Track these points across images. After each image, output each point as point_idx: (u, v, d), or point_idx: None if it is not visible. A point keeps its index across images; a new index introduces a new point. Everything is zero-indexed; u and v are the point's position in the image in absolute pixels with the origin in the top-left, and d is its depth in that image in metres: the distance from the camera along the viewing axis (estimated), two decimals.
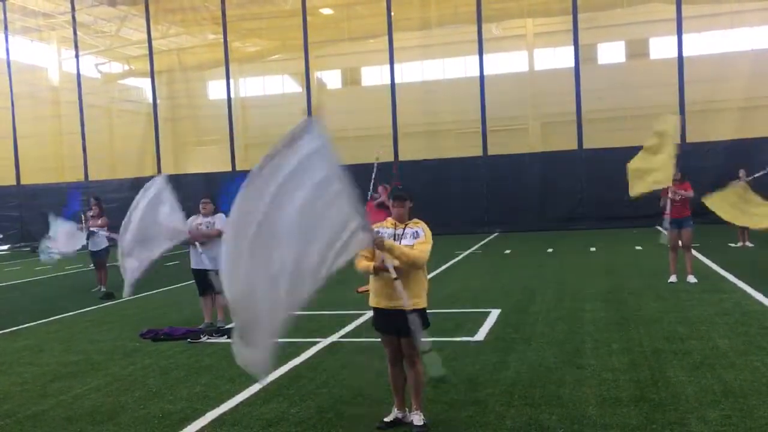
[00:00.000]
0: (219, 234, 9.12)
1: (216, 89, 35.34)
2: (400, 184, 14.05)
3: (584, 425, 5.05)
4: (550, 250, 17.92)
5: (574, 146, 24.76)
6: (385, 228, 5.24)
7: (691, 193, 11.35)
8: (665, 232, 11.70)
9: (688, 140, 23.43)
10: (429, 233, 5.23)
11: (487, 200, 24.88)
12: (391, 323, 5.15)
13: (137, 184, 29.00)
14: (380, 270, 5.04)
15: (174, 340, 8.77)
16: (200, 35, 32.79)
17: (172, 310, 11.27)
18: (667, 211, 11.27)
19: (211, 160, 31.44)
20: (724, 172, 16.19)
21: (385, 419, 5.27)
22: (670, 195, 11.26)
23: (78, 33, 30.48)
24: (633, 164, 11.80)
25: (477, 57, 25.76)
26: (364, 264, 5.11)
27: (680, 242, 11.49)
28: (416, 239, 5.16)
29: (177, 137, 34.26)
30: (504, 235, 23.09)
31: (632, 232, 12.78)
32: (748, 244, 16.29)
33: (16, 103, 30.68)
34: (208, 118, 32.55)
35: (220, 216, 9.30)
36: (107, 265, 13.98)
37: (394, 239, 5.15)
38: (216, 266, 9.13)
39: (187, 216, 9.40)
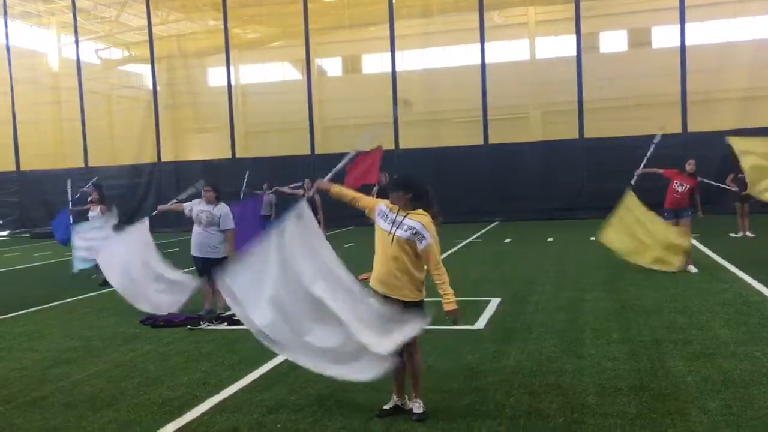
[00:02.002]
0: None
1: (216, 76, 35.16)
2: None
3: (584, 414, 5.05)
4: (550, 239, 17.91)
5: (575, 135, 24.70)
6: (390, 212, 5.17)
7: (696, 197, 11.39)
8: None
9: (689, 130, 23.40)
10: (433, 229, 5.09)
11: (487, 189, 24.84)
12: None
13: (137, 171, 29.07)
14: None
15: (174, 326, 8.77)
16: (200, 21, 32.62)
17: None
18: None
19: (211, 147, 31.37)
20: (726, 162, 16.14)
21: (385, 407, 5.27)
22: (675, 186, 11.29)
23: (78, 18, 30.30)
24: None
25: (478, 45, 25.61)
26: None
27: None
28: (420, 242, 5.02)
29: (177, 124, 34.12)
30: (504, 224, 23.08)
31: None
32: (748, 233, 16.28)
33: (15, 88, 30.54)
34: (208, 105, 32.43)
35: (223, 206, 9.24)
36: None
37: (392, 224, 5.10)
38: (218, 254, 9.16)
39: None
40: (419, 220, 5.08)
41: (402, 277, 5.06)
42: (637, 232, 11.44)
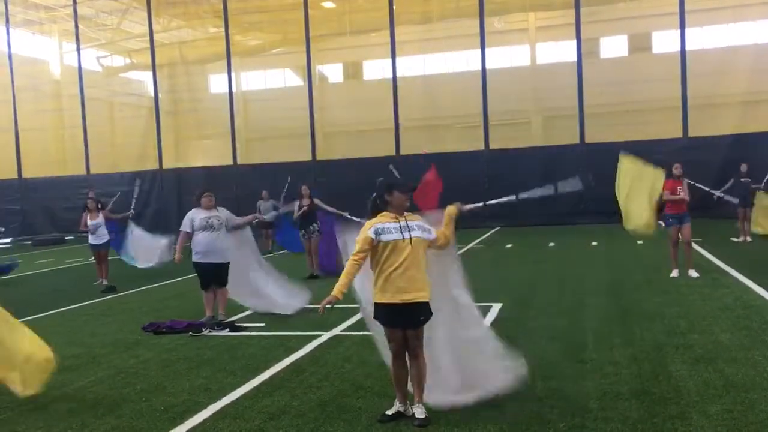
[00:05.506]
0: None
1: (217, 83, 35.30)
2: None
3: (586, 419, 5.06)
4: (551, 244, 17.92)
5: (576, 140, 24.70)
6: (390, 223, 5.23)
7: (683, 197, 11.33)
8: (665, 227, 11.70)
9: (690, 134, 23.41)
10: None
11: (488, 194, 24.74)
12: (398, 317, 5.17)
13: (139, 177, 29.18)
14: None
15: (176, 333, 8.78)
16: (202, 28, 32.74)
17: (174, 303, 11.28)
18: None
19: (212, 154, 31.44)
20: (726, 167, 16.17)
21: (387, 412, 5.27)
22: (664, 197, 11.32)
23: (79, 26, 30.42)
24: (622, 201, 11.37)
25: (479, 51, 25.65)
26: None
27: (680, 237, 11.51)
28: (429, 233, 5.36)
29: (178, 131, 34.24)
30: (505, 230, 23.08)
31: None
32: (748, 238, 16.28)
33: (17, 96, 30.64)
34: (209, 112, 32.53)
35: (223, 209, 9.32)
36: (108, 258, 14.04)
37: (401, 231, 5.17)
38: (228, 258, 9.18)
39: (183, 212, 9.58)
40: (420, 220, 5.38)
41: (423, 275, 5.24)
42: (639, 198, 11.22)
